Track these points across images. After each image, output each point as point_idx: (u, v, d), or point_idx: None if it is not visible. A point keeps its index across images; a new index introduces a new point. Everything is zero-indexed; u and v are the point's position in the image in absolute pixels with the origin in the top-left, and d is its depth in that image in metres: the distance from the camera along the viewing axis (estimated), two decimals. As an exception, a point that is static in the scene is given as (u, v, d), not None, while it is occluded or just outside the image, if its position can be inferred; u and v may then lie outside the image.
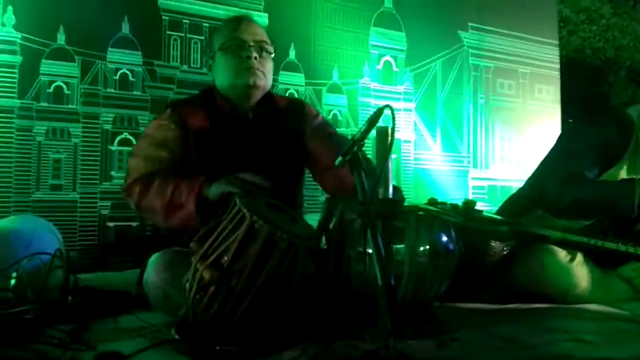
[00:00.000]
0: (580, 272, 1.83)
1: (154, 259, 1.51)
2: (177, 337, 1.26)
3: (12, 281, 1.46)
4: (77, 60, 2.59)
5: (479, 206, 1.69)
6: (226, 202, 1.25)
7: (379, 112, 1.07)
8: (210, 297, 1.20)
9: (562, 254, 1.83)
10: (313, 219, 1.47)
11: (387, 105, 1.04)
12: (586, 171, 1.90)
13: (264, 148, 1.69)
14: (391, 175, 1.10)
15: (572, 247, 1.83)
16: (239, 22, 1.70)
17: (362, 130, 1.10)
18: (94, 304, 1.54)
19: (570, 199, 1.86)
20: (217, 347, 1.20)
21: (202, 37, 2.89)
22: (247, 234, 1.18)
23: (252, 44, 1.65)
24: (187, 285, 1.24)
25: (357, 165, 1.09)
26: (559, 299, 1.81)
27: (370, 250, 0.99)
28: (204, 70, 2.72)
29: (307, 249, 1.23)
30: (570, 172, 1.89)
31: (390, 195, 1.08)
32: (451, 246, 1.41)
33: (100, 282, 1.96)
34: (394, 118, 1.03)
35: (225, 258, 1.19)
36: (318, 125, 1.80)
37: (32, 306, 1.30)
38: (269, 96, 1.77)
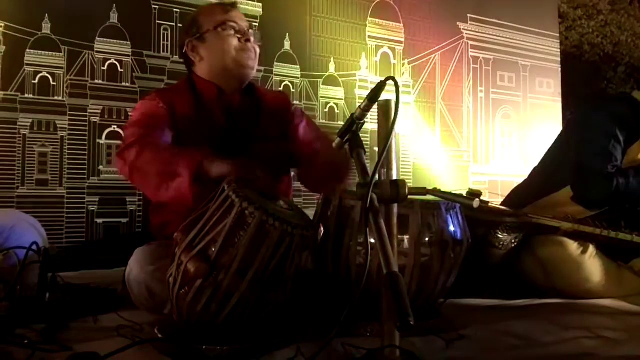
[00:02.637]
0: (592, 265, 1.76)
1: (137, 252, 1.42)
2: (160, 336, 1.15)
3: (-16, 278, 1.36)
4: (63, 50, 2.50)
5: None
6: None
7: (380, 86, 0.98)
8: (196, 292, 1.10)
9: (573, 246, 1.76)
10: (309, 214, 1.37)
11: (390, 77, 0.94)
12: (614, 160, 1.85)
13: (251, 132, 1.64)
14: (395, 155, 1.00)
15: (583, 239, 1.75)
16: (231, 7, 1.68)
17: (361, 107, 1.00)
18: (73, 302, 1.44)
19: (608, 194, 1.82)
20: (204, 347, 1.10)
21: (194, 27, 2.80)
22: (236, 222, 1.08)
23: (248, 29, 1.66)
24: (171, 279, 1.14)
25: (356, 145, 0.99)
26: (570, 293, 1.73)
27: (372, 240, 0.89)
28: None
29: (303, 238, 1.12)
30: (599, 167, 1.85)
31: (395, 177, 0.98)
32: (459, 235, 1.31)
33: (86, 280, 1.87)
34: (398, 91, 0.93)
35: (213, 249, 1.09)
36: (302, 124, 1.77)
37: (3, 303, 1.19)
38: (252, 86, 1.75)
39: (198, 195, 1.28)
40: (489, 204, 1.67)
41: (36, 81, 2.44)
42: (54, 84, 2.48)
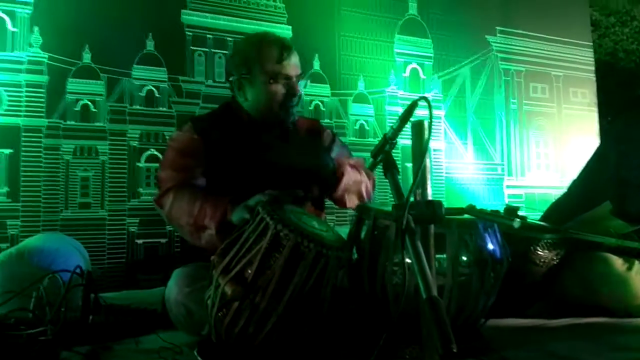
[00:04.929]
0: (639, 281, 1.68)
1: (176, 274, 1.44)
2: (199, 358, 1.17)
3: (32, 300, 1.41)
4: (102, 78, 2.60)
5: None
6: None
7: (412, 106, 0.98)
8: (233, 314, 1.11)
9: (618, 262, 1.69)
10: (343, 232, 1.37)
11: (422, 97, 0.94)
12: None
13: (285, 159, 1.65)
14: (430, 175, 0.99)
15: (628, 255, 1.69)
16: (286, 51, 1.61)
17: (394, 126, 1.00)
18: (115, 324, 1.47)
19: None
20: (243, 369, 1.10)
21: (226, 52, 2.87)
22: (271, 244, 1.09)
23: (298, 80, 1.64)
24: (209, 301, 1.15)
25: (390, 166, 0.99)
26: (616, 311, 1.66)
27: (408, 260, 0.88)
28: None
29: (338, 260, 1.12)
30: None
31: (429, 197, 0.98)
32: (499, 254, 1.28)
33: (128, 300, 1.91)
34: (430, 110, 0.93)
35: (249, 271, 1.10)
36: (335, 151, 1.80)
37: (49, 327, 1.23)
38: None
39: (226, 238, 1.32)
40: (528, 220, 1.63)
41: (78, 108, 2.55)
42: (95, 110, 2.58)
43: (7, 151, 2.40)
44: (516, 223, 0.99)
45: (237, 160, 1.59)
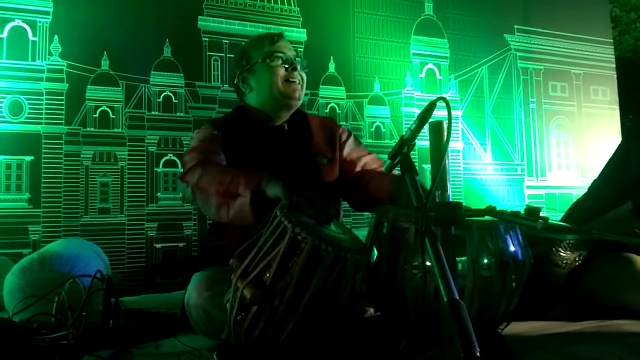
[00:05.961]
0: (666, 283, 1.63)
1: (195, 278, 1.45)
2: (219, 362, 1.17)
3: (54, 305, 1.43)
4: (121, 85, 2.64)
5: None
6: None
7: (430, 107, 0.97)
8: (252, 318, 1.11)
9: (643, 263, 1.64)
10: (360, 235, 1.36)
11: (440, 98, 0.93)
12: None
13: (300, 158, 1.66)
14: (449, 176, 0.98)
15: (655, 255, 1.64)
16: (278, 37, 1.73)
17: (412, 128, 0.99)
18: (136, 328, 1.48)
19: None
20: (262, 373, 1.10)
21: (242, 57, 2.89)
22: (289, 247, 1.09)
23: (295, 58, 1.70)
24: (228, 305, 1.15)
25: (408, 168, 0.98)
26: (642, 313, 1.62)
27: (428, 263, 0.87)
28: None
29: (356, 263, 1.12)
30: None
31: (449, 199, 0.96)
32: (520, 256, 1.25)
33: (147, 304, 1.93)
34: (449, 111, 0.92)
35: (267, 275, 1.10)
36: (350, 146, 1.79)
37: (71, 331, 1.24)
38: (301, 112, 1.78)
39: (257, 214, 1.30)
40: (550, 221, 1.60)
41: (97, 115, 2.59)
42: (114, 117, 2.62)
43: (29, 158, 2.45)
44: (539, 224, 0.97)
45: (250, 161, 1.59)
